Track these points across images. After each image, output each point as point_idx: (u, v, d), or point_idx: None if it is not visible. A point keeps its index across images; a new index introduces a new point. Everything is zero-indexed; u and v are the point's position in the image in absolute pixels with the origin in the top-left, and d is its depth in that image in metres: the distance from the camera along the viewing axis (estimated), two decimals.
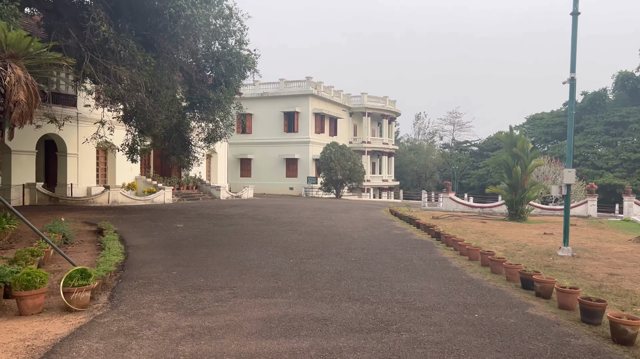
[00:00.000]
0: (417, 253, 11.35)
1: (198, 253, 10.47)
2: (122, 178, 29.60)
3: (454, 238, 12.70)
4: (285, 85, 46.42)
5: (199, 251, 10.65)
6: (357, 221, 19.16)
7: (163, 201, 28.90)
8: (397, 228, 16.96)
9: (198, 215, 19.76)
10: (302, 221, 17.99)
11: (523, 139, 21.45)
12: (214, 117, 19.67)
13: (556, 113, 68.05)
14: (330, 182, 41.59)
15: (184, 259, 9.68)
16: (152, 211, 21.49)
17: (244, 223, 16.95)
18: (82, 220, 16.92)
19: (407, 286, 7.73)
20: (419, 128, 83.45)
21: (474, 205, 27.16)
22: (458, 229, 17.33)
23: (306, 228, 15.78)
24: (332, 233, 14.63)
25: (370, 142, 53.58)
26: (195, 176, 34.60)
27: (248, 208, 24.50)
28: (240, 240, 12.73)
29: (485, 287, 7.98)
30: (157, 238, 12.80)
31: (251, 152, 46.81)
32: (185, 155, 21.02)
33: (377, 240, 13.54)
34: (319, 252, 10.92)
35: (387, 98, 55.73)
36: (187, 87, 19.76)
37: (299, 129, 45.48)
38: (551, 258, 11.37)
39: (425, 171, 72.44)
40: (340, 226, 16.70)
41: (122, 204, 26.04)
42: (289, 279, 7.97)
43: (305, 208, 25.04)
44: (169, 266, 8.94)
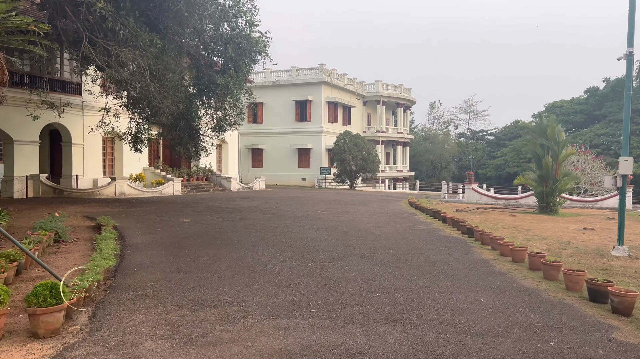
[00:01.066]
0: (451, 254, 9.98)
1: (203, 254, 9.20)
2: (130, 170, 28.50)
3: (490, 235, 11.31)
4: (297, 73, 44.94)
5: (205, 252, 9.38)
6: (376, 214, 17.80)
7: (172, 193, 27.78)
8: (421, 223, 15.58)
9: (207, 208, 18.54)
10: (318, 215, 16.69)
11: (553, 127, 19.84)
12: (222, 104, 18.33)
13: (576, 101, 65.72)
14: (343, 173, 40.20)
15: (186, 262, 8.41)
16: (159, 204, 20.33)
17: (255, 218, 15.68)
18: (83, 214, 15.78)
19: (453, 300, 6.39)
20: (433, 117, 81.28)
21: (498, 197, 25.63)
22: (487, 223, 15.91)
23: (323, 223, 14.46)
24: (352, 229, 13.30)
25: (384, 132, 51.98)
26: (205, 167, 33.43)
27: (259, 200, 23.26)
28: (251, 237, 11.46)
29: (546, 300, 6.61)
30: (159, 236, 11.57)
31: (263, 142, 45.51)
32: (193, 145, 19.75)
33: (403, 237, 12.18)
34: (340, 253, 9.60)
35: (402, 86, 53.99)
36: (195, 72, 18.44)
37: (312, 118, 44.04)
38: (605, 260, 9.94)
39: (440, 161, 70.74)
40: (360, 221, 15.36)
41: (129, 196, 24.95)
42: (310, 290, 6.66)
43: (319, 201, 23.74)
44: (168, 271, 7.67)
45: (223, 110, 19.18)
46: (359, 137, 40.68)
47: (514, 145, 67.22)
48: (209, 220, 14.97)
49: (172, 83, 15.22)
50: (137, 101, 16.08)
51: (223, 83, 17.75)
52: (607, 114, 59.51)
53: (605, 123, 58.59)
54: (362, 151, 39.33)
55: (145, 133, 16.91)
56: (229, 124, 20.12)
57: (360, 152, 39.15)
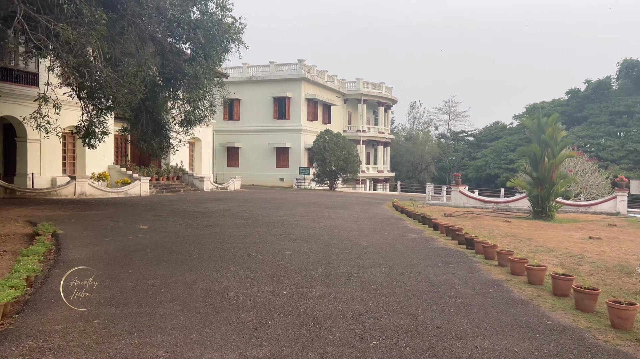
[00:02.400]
0: (455, 272, 8.33)
1: (150, 275, 7.34)
2: (93, 168, 26.25)
3: (496, 248, 9.70)
4: (275, 68, 43.03)
5: (152, 273, 7.51)
6: (360, 220, 16.11)
7: (139, 194, 25.66)
8: (411, 230, 13.94)
9: (172, 212, 16.59)
10: (296, 221, 14.92)
11: (554, 126, 18.44)
12: (190, 96, 16.40)
13: (557, 103, 65.31)
14: (323, 173, 38.47)
15: (124, 289, 6.53)
16: (120, 206, 18.29)
17: (225, 224, 13.81)
18: (26, 219, 13.68)
19: (478, 350, 4.70)
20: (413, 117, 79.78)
21: (487, 200, 24.21)
22: (481, 231, 14.38)
23: (301, 231, 12.69)
24: (335, 239, 11.56)
25: (365, 131, 50.46)
26: (177, 165, 31.31)
27: (233, 202, 21.36)
28: (215, 250, 9.61)
29: (596, 347, 4.98)
30: (105, 248, 9.64)
31: (239, 140, 43.46)
32: (158, 141, 17.74)
33: (394, 249, 10.49)
34: (322, 273, 7.83)
35: (384, 85, 52.57)
36: (159, 60, 16.46)
37: (291, 116, 42.20)
38: (634, 280, 8.41)
39: (421, 162, 69.66)
40: (343, 228, 13.64)
41: (91, 197, 22.77)
42: (282, 336, 4.88)
43: (298, 203, 21.96)
44: (96, 304, 5.80)
45: (192, 103, 17.24)
46: (339, 136, 39.01)
47: (495, 146, 66.54)
48: (170, 226, 13.05)
49: (128, 69, 13.24)
50: (90, 90, 14.04)
51: (191, 72, 15.84)
52: (588, 116, 59.15)
53: (587, 125, 58.20)
54: (343, 150, 37.69)
55: (101, 127, 14.84)
56: (198, 119, 18.18)
57: (341, 151, 37.50)
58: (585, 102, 60.57)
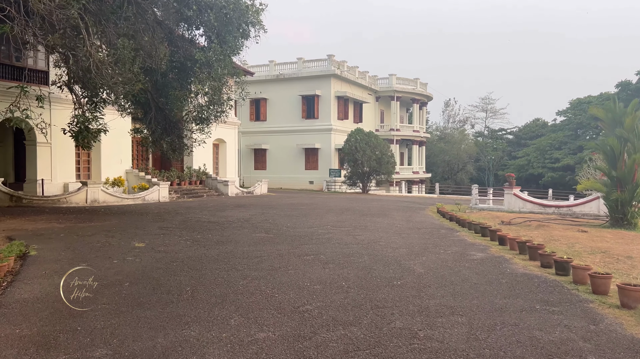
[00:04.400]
0: (568, 323, 5.50)
1: (103, 339, 4.80)
2: (110, 172, 24.27)
3: (618, 282, 6.81)
4: (303, 65, 40.53)
5: (110, 332, 4.97)
6: (405, 231, 13.35)
7: (157, 200, 23.54)
8: (472, 246, 11.09)
9: (182, 223, 14.20)
10: (327, 234, 12.28)
11: (634, 115, 15.25)
12: (202, 87, 13.98)
13: (606, 96, 60.48)
14: (355, 175, 35.73)
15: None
16: (128, 216, 16.05)
17: (240, 239, 11.28)
18: (8, 234, 11.46)
19: None
20: (448, 115, 75.86)
21: (547, 204, 20.98)
22: (556, 244, 11.45)
23: (334, 249, 10.03)
24: (379, 261, 8.84)
25: (399, 130, 47.42)
26: (200, 169, 29.17)
27: (256, 209, 18.90)
28: (217, 284, 7.04)
29: None
30: (72, 280, 7.19)
31: (266, 142, 41.14)
32: (169, 141, 15.42)
33: (462, 278, 7.69)
34: (369, 330, 5.14)
35: (418, 81, 49.40)
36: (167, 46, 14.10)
37: (320, 115, 39.61)
38: None
39: (457, 162, 65.98)
40: (386, 244, 10.91)
41: (104, 204, 20.73)
42: None
43: (329, 209, 19.33)
44: None
45: (205, 96, 14.83)
46: (372, 135, 36.15)
47: (538, 144, 62.37)
48: (173, 243, 10.59)
49: (124, 52, 10.89)
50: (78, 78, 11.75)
51: (203, 59, 13.40)
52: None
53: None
54: (376, 150, 34.84)
55: (95, 122, 12.52)
56: (215, 115, 15.76)
57: (374, 151, 34.66)
58: (637, 95, 55.80)
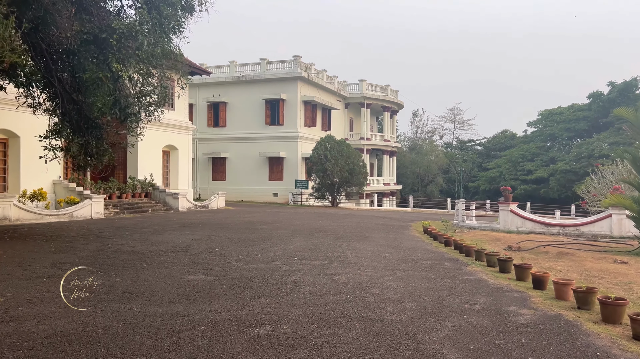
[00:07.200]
0: None
1: None
2: (33, 183, 19.99)
3: None
4: (267, 67, 37.10)
5: None
6: (398, 265, 9.93)
7: (89, 216, 19.47)
8: (503, 295, 7.74)
9: (91, 255, 10.36)
10: (292, 275, 8.74)
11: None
12: (124, 68, 10.26)
13: (577, 107, 59.58)
14: (324, 187, 32.36)
15: None
16: (27, 242, 12.08)
17: (160, 289, 7.60)
18: None
19: None
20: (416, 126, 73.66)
21: (550, 223, 18.03)
22: (601, 283, 8.36)
23: (303, 311, 6.48)
24: (380, 340, 5.36)
25: (369, 139, 44.55)
26: (146, 179, 25.15)
27: (204, 230, 15.18)
28: None
29: None
30: None
31: (226, 150, 37.32)
32: (79, 142, 11.60)
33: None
34: None
35: (389, 87, 46.76)
36: (72, 11, 10.35)
37: (285, 121, 36.17)
38: None
39: (427, 173, 63.63)
40: (381, 294, 7.43)
41: (17, 222, 16.60)
42: None
43: (295, 230, 15.79)
44: None
45: (130, 82, 11.09)
46: (343, 143, 32.94)
47: (510, 156, 60.75)
48: (47, 299, 6.80)
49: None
50: None
51: (122, 27, 9.72)
52: (614, 121, 53.39)
53: (614, 131, 52.41)
54: (348, 160, 31.60)
55: None
56: (145, 109, 12.02)
57: (346, 161, 31.41)
58: (610, 106, 54.83)
